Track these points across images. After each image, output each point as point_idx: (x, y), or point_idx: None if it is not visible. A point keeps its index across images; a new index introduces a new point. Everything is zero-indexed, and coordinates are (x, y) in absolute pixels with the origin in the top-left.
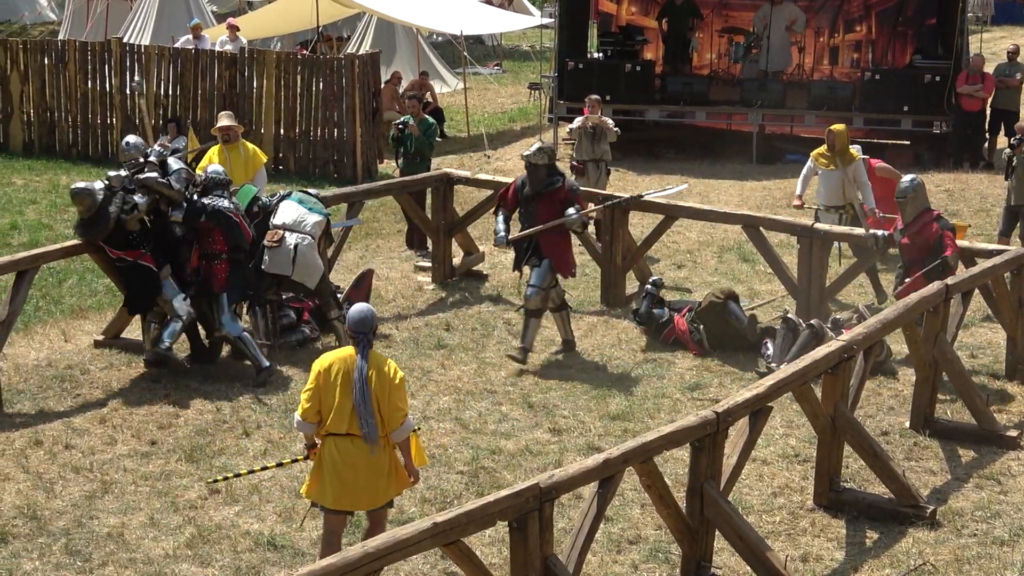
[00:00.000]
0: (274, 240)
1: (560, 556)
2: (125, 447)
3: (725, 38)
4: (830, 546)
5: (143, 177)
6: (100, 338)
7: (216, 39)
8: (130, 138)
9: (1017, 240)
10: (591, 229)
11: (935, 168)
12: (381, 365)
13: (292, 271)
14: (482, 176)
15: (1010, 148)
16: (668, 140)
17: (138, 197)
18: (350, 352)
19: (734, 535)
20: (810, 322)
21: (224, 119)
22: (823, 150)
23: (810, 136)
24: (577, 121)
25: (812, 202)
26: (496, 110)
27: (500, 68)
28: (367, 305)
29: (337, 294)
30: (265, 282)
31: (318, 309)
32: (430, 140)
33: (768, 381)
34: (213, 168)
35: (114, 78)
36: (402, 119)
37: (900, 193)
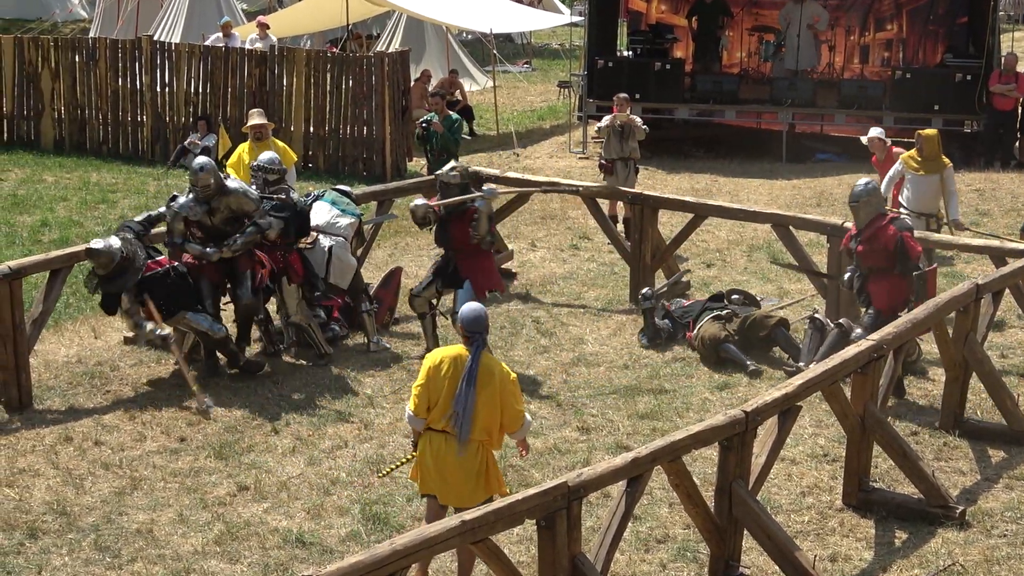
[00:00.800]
0: (308, 243)
1: (588, 555)
2: (154, 444)
3: (755, 36)
4: (859, 546)
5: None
6: (130, 335)
7: (246, 37)
8: (201, 160)
9: None
10: (620, 228)
11: (966, 167)
12: (493, 367)
13: (327, 273)
14: (511, 174)
15: None
16: (697, 139)
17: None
18: (462, 350)
19: (763, 535)
20: (838, 321)
21: (255, 117)
22: (914, 154)
23: (840, 135)
24: (605, 119)
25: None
26: (525, 108)
27: (529, 66)
28: (480, 305)
29: (368, 290)
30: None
31: (347, 306)
32: (455, 136)
33: (797, 380)
34: (268, 158)
35: (144, 76)
36: (425, 117)
37: (853, 197)
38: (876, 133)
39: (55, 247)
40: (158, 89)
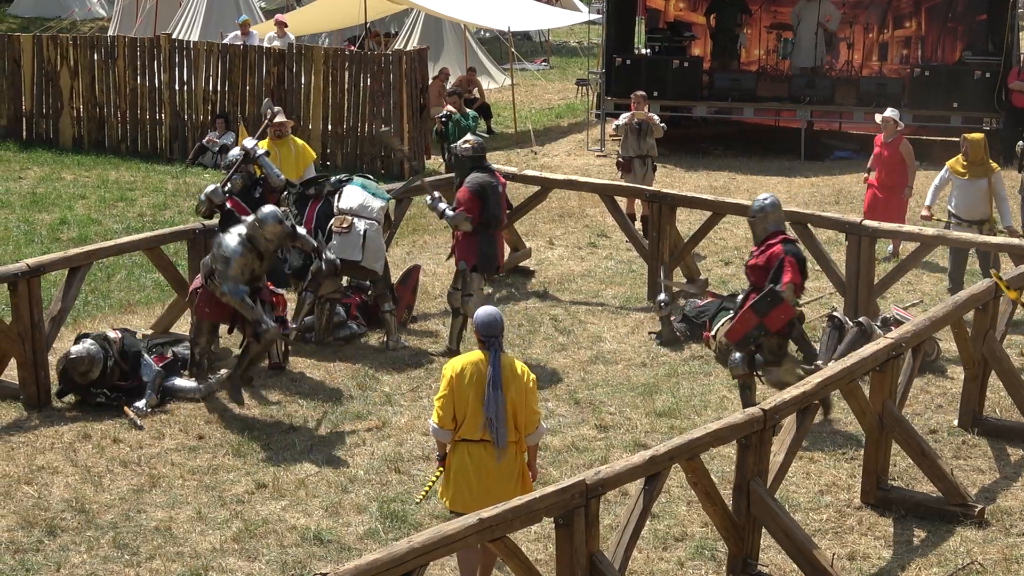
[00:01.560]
0: (344, 226)
1: (606, 553)
2: (172, 441)
3: (773, 34)
4: (877, 544)
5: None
6: (149, 332)
7: (264, 35)
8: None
9: None
10: (638, 226)
11: None
12: (514, 368)
13: (362, 256)
14: (529, 172)
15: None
16: (715, 136)
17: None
18: (480, 356)
19: (781, 533)
20: (858, 320)
21: (277, 115)
22: (959, 159)
23: (858, 132)
24: (623, 117)
25: (941, 214)
26: (543, 106)
27: (547, 64)
28: (494, 308)
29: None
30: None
31: (365, 304)
32: (471, 127)
33: (816, 379)
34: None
35: (163, 74)
36: (444, 112)
37: (752, 212)
38: (891, 114)
39: (74, 245)
40: (176, 87)
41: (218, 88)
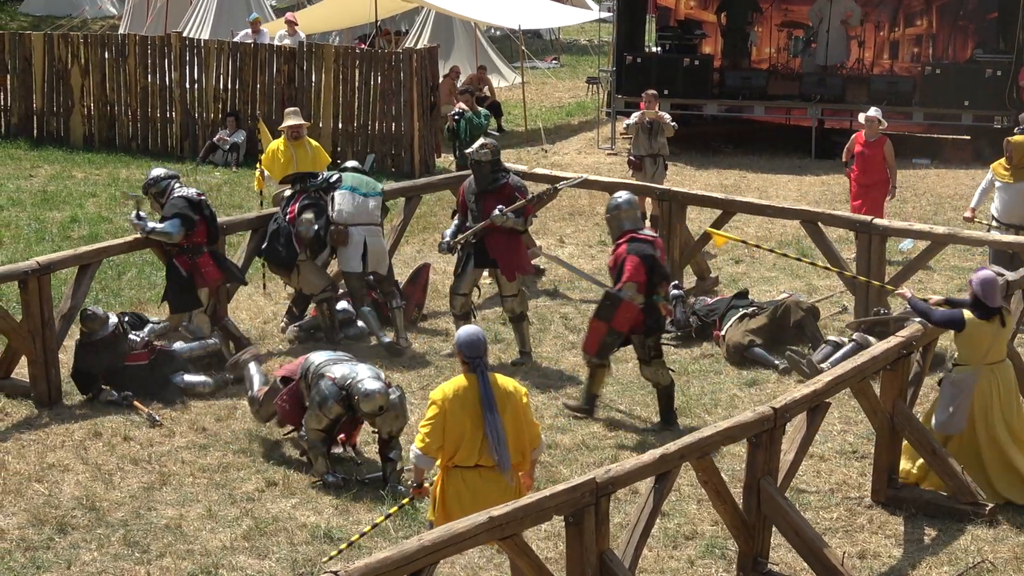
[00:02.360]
0: (340, 241)
1: (616, 551)
2: (183, 439)
3: (784, 32)
4: (888, 543)
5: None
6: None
7: (275, 34)
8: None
9: None
10: (647, 224)
11: None
12: (507, 384)
13: (364, 266)
14: (539, 170)
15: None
16: (726, 135)
17: None
18: (466, 381)
19: (791, 531)
20: (852, 337)
21: (292, 117)
22: (1003, 162)
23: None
24: (634, 116)
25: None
26: (554, 104)
27: (558, 62)
28: (476, 328)
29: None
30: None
31: (374, 303)
32: (482, 124)
33: (826, 377)
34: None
35: (174, 72)
36: (456, 109)
37: (607, 210)
38: (874, 113)
39: (84, 243)
40: (187, 86)
41: (229, 86)
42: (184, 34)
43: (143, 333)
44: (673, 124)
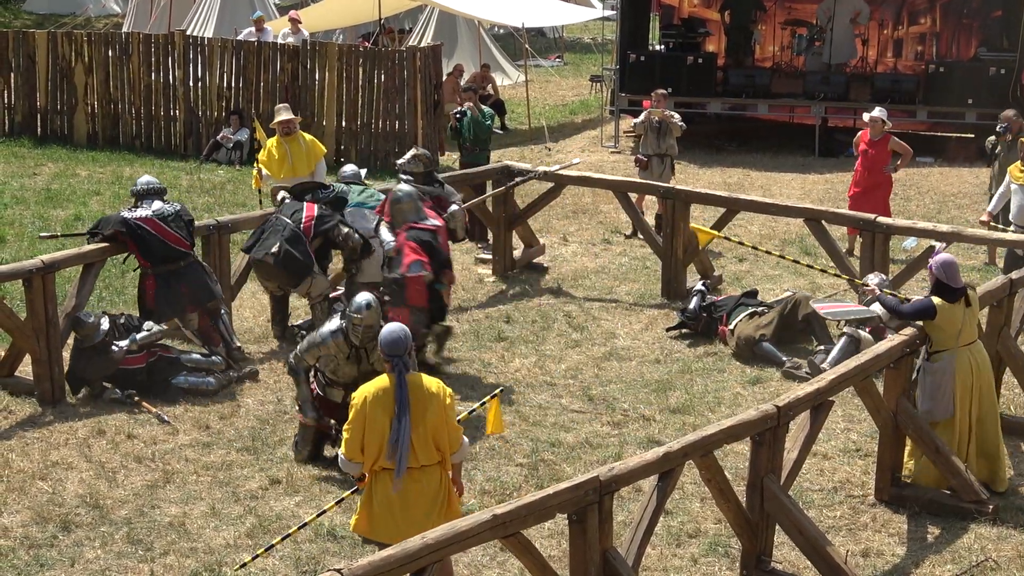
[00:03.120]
0: (364, 256)
1: (620, 549)
2: (187, 437)
3: (788, 30)
4: (891, 541)
5: None
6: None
7: (278, 32)
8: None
9: None
10: (651, 222)
11: None
12: (428, 387)
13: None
14: (542, 168)
15: (995, 136)
16: (730, 133)
17: None
18: (388, 380)
19: (794, 530)
20: (843, 331)
21: (283, 112)
22: (1019, 165)
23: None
24: (642, 115)
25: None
26: (557, 103)
27: (561, 60)
28: (399, 325)
29: None
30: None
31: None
32: (487, 124)
33: (830, 375)
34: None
35: (177, 70)
36: (459, 108)
37: (390, 204)
38: (878, 113)
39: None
40: (191, 84)
41: (232, 84)
42: (188, 32)
43: (124, 343)
44: (682, 124)
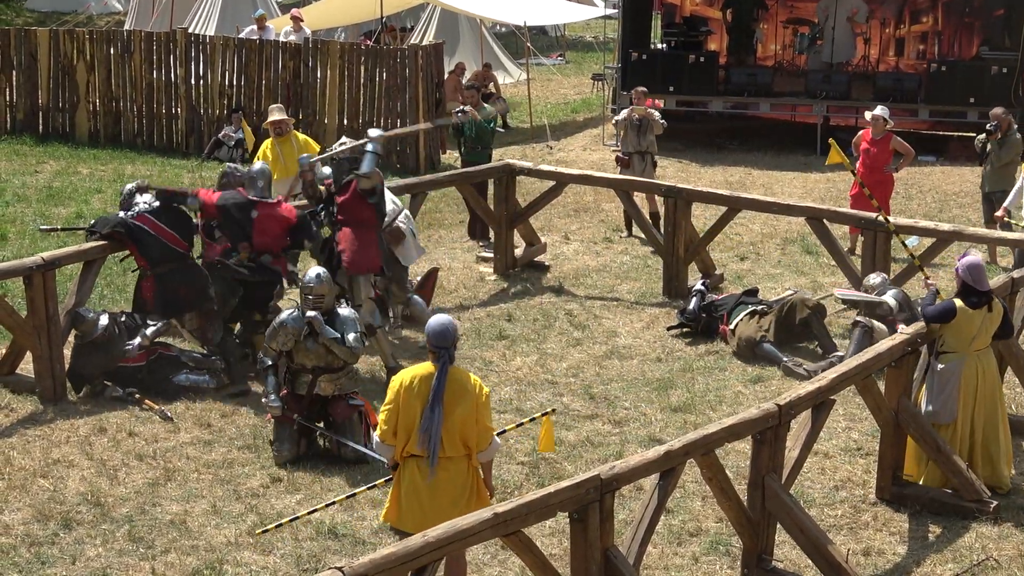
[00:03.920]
0: (397, 239)
1: (620, 547)
2: (188, 435)
3: (790, 29)
4: (892, 540)
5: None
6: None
7: (280, 30)
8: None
9: None
10: (650, 221)
11: None
12: (465, 382)
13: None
14: (544, 167)
15: (985, 134)
16: (731, 132)
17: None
18: (430, 368)
19: (795, 528)
20: (855, 319)
21: (275, 113)
22: None
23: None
24: (623, 113)
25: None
26: (559, 101)
27: (563, 59)
28: (447, 317)
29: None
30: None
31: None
32: (491, 124)
33: (831, 374)
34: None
35: (179, 68)
36: (460, 107)
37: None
38: (880, 112)
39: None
40: (192, 82)
41: (234, 83)
42: (189, 30)
43: (136, 341)
44: (663, 122)
